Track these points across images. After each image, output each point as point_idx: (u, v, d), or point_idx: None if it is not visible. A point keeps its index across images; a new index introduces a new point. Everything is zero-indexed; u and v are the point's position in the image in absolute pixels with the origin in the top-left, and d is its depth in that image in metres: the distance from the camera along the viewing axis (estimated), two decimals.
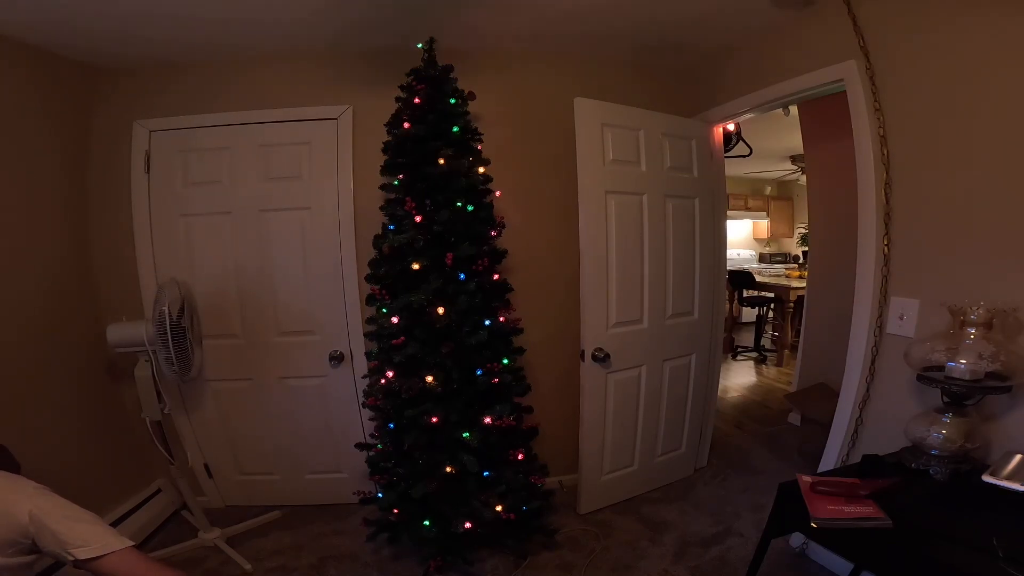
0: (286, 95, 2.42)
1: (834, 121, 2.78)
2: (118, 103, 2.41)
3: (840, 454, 2.03)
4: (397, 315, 2.01)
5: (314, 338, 2.52)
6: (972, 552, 1.14)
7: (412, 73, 2.06)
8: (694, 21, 2.24)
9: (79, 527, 1.04)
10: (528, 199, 2.53)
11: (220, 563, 2.19)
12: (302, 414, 2.58)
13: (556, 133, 2.44)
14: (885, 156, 1.84)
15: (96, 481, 2.26)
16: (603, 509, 2.55)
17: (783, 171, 6.87)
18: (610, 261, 2.36)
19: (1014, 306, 1.48)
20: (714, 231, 2.76)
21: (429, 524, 2.03)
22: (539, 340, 2.49)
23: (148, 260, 2.45)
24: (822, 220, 3.58)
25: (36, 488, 1.08)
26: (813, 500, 1.37)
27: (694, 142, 2.62)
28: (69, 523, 1.04)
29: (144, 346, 2.05)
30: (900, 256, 1.85)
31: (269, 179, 2.44)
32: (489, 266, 2.10)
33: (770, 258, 7.98)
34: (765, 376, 4.98)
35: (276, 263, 2.48)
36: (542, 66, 2.54)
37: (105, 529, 1.08)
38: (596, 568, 2.13)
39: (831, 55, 1.99)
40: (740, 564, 2.08)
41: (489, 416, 2.01)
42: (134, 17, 1.96)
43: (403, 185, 2.07)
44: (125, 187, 2.42)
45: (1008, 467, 1.36)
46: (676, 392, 2.70)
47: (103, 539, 1.04)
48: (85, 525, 1.05)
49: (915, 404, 1.75)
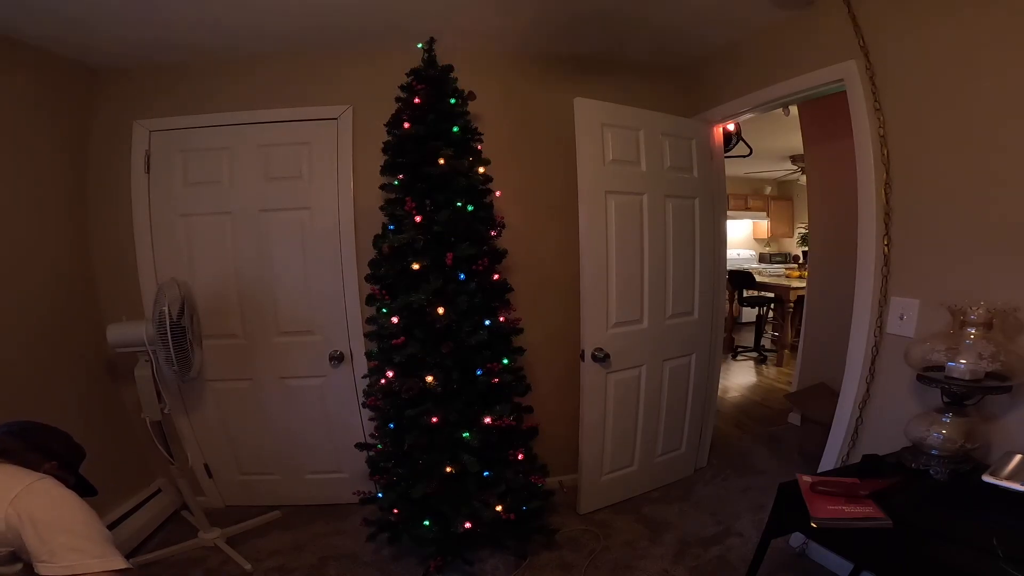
0: (286, 95, 2.42)
1: (834, 121, 2.79)
2: (118, 103, 2.41)
3: (840, 454, 2.03)
4: (397, 315, 2.01)
5: (314, 338, 2.52)
6: (972, 552, 1.14)
7: (412, 73, 2.06)
8: (694, 21, 2.24)
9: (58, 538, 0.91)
10: (528, 199, 2.53)
11: (220, 563, 2.19)
12: (302, 414, 2.58)
13: (556, 133, 2.45)
14: (885, 156, 1.84)
15: (96, 481, 2.21)
16: (603, 509, 2.55)
17: (783, 171, 6.87)
18: (610, 261, 2.36)
19: (1014, 306, 1.48)
20: (714, 231, 2.76)
21: (429, 524, 2.03)
22: (539, 340, 2.49)
23: (148, 260, 2.45)
24: (822, 220, 3.58)
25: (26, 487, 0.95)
26: (813, 500, 1.38)
27: (694, 142, 2.62)
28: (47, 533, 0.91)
29: (144, 346, 2.05)
30: (900, 256, 1.85)
31: (269, 179, 2.44)
32: (489, 266, 2.10)
33: (770, 258, 7.98)
34: (765, 376, 4.98)
35: (276, 263, 2.48)
36: (542, 66, 2.54)
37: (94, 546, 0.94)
38: (596, 568, 2.13)
39: (831, 55, 1.99)
40: (740, 564, 2.08)
41: (489, 416, 2.01)
42: (134, 17, 1.96)
43: (403, 185, 2.07)
44: (125, 187, 2.42)
45: (1008, 467, 1.36)
46: (676, 392, 2.70)
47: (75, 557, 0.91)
48: (64, 537, 0.92)
49: (915, 404, 1.75)
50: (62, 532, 0.93)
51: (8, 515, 0.91)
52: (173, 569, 2.16)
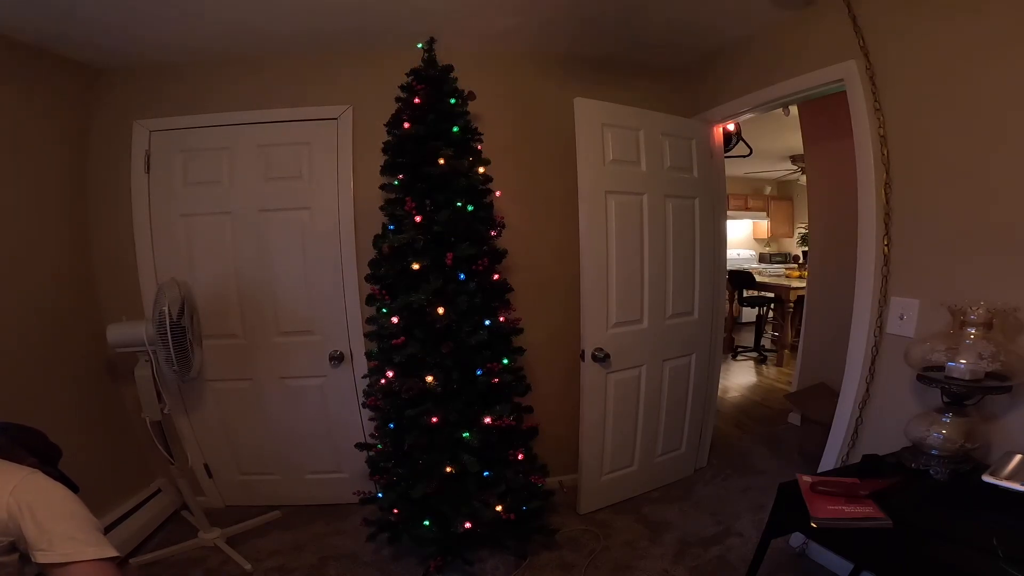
0: (286, 95, 2.42)
1: (834, 121, 2.79)
2: (118, 103, 2.41)
3: (840, 454, 2.03)
4: (397, 315, 2.01)
5: (314, 338, 2.52)
6: (972, 552, 1.14)
7: (412, 73, 2.06)
8: (694, 20, 2.24)
9: (55, 527, 0.93)
10: (528, 199, 2.53)
11: (220, 563, 2.19)
12: (302, 414, 2.58)
13: (556, 133, 2.45)
14: (885, 156, 1.84)
15: (96, 481, 2.24)
16: (603, 509, 2.55)
17: (783, 171, 6.87)
18: (610, 261, 2.36)
19: (1014, 306, 1.48)
20: (714, 231, 2.76)
21: (429, 524, 2.03)
22: (539, 340, 2.49)
23: (148, 260, 2.45)
24: (822, 220, 3.58)
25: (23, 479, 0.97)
26: (813, 500, 1.38)
27: (694, 142, 2.62)
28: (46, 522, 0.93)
29: (144, 346, 2.05)
30: (900, 256, 1.85)
31: (269, 179, 2.44)
32: (489, 266, 2.10)
33: (770, 258, 7.99)
34: (765, 376, 4.98)
35: (276, 263, 2.48)
36: (542, 66, 2.54)
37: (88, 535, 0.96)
38: (596, 568, 2.13)
39: (831, 55, 1.99)
40: (740, 564, 2.08)
41: (489, 416, 2.01)
42: (134, 17, 1.96)
43: (403, 185, 2.07)
44: (125, 187, 2.42)
45: (1008, 467, 1.36)
46: (676, 392, 2.70)
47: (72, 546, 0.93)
48: (61, 527, 0.94)
49: (915, 404, 1.75)
50: (59, 522, 0.95)
51: (9, 504, 0.93)
52: (173, 569, 2.16)
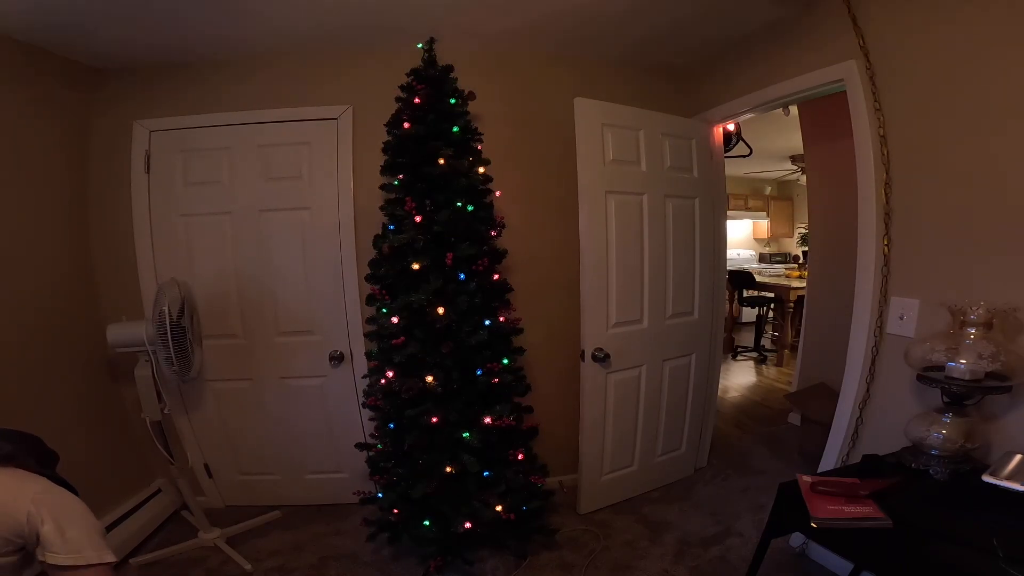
0: (286, 95, 2.42)
1: (834, 121, 2.79)
2: (118, 103, 2.41)
3: (840, 454, 2.03)
4: (397, 315, 2.01)
5: (314, 338, 2.52)
6: (972, 552, 1.14)
7: (412, 73, 2.06)
8: (694, 21, 2.24)
9: (69, 531, 1.01)
10: (528, 199, 2.53)
11: (220, 563, 2.19)
12: (302, 414, 2.58)
13: (556, 133, 2.45)
14: (885, 156, 1.84)
15: (96, 481, 2.24)
16: (603, 509, 2.55)
17: (783, 171, 6.87)
18: (610, 261, 2.36)
19: (1014, 306, 1.48)
20: (714, 231, 2.76)
21: (429, 524, 2.03)
22: (539, 340, 2.49)
23: (148, 260, 2.45)
24: (822, 220, 3.58)
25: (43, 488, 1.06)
26: (813, 500, 1.37)
27: (694, 142, 2.62)
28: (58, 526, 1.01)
29: (144, 346, 2.05)
30: (900, 256, 1.85)
31: (269, 179, 2.44)
32: (489, 266, 2.10)
33: (770, 258, 7.99)
34: (765, 376, 4.98)
35: (276, 263, 2.48)
36: (542, 66, 2.54)
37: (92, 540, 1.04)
38: (596, 568, 2.13)
39: (831, 55, 1.99)
40: (740, 564, 2.08)
41: (489, 416, 2.01)
42: (134, 18, 1.96)
43: (403, 185, 2.07)
44: (125, 187, 2.42)
45: (1008, 467, 1.36)
46: (676, 392, 2.70)
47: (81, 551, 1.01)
48: (74, 531, 1.02)
49: (915, 404, 1.75)
50: (73, 528, 1.03)
51: (30, 512, 1.00)
52: (173, 569, 2.16)
